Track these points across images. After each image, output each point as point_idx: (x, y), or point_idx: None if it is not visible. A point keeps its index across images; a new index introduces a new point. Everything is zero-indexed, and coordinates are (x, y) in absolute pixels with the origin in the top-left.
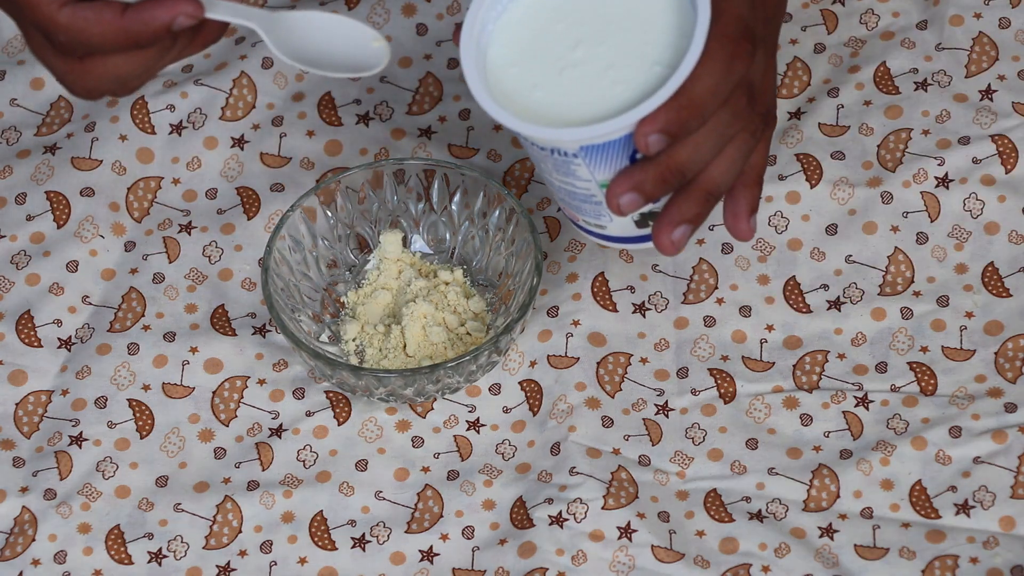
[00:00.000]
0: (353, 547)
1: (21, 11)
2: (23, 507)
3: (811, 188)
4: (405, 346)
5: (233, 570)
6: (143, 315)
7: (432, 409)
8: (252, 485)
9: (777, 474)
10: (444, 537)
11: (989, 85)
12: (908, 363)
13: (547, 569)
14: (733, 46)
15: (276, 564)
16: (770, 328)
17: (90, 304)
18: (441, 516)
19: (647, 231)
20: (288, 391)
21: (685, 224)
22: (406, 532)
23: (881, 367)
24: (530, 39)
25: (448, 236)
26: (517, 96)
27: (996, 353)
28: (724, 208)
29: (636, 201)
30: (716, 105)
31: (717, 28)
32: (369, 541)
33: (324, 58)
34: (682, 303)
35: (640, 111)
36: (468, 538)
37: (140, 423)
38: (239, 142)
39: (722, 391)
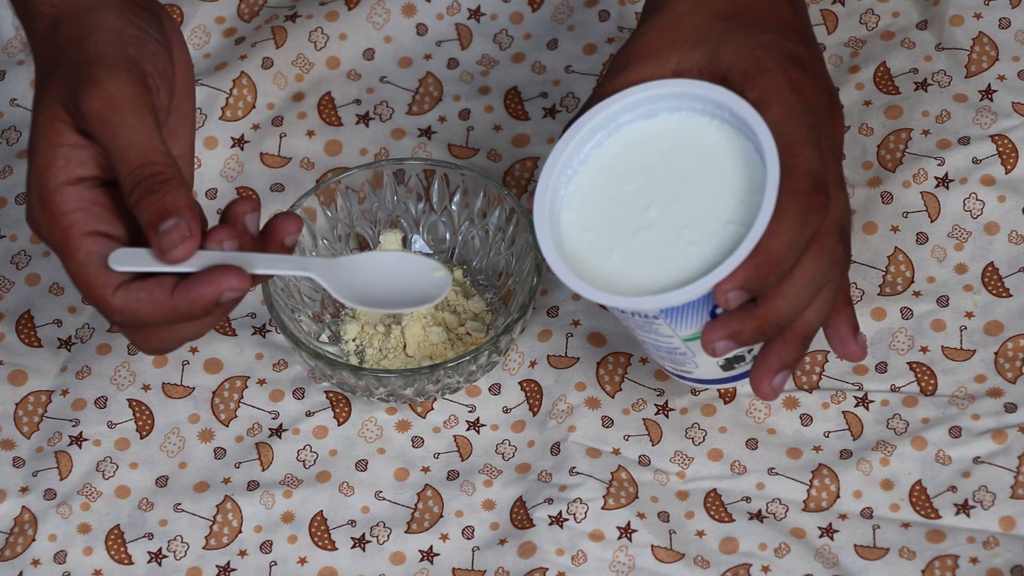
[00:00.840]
0: (353, 547)
1: (81, 290)
2: (23, 507)
3: None
4: (405, 346)
5: (233, 570)
6: None
7: (432, 409)
8: (252, 485)
9: (777, 474)
10: (444, 537)
11: (989, 85)
12: (908, 363)
13: (547, 569)
14: (807, 200)
15: (276, 564)
16: None
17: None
18: (441, 516)
19: (733, 372)
20: (288, 391)
21: (785, 370)
22: (406, 532)
23: (881, 367)
24: (603, 203)
25: (448, 236)
26: (593, 262)
27: (996, 353)
28: (828, 338)
29: (731, 347)
30: (793, 259)
31: (789, 183)
32: (369, 541)
33: (385, 293)
34: None
35: (718, 274)
36: (468, 538)
37: (140, 423)
38: (239, 142)
39: (722, 391)
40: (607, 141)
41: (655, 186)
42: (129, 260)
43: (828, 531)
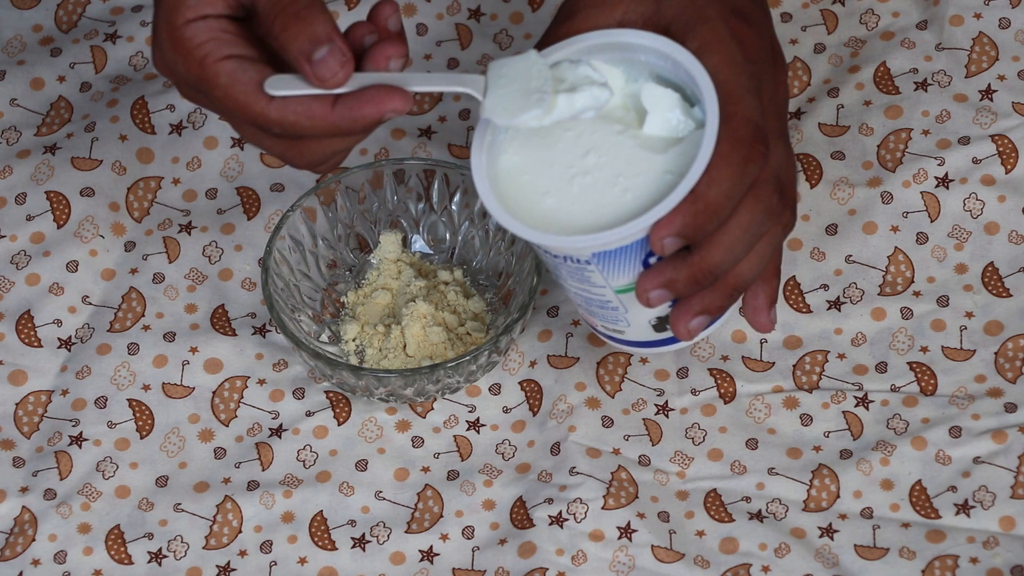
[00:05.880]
0: (353, 547)
1: (232, 113)
2: (23, 507)
3: (811, 188)
4: (405, 346)
5: (233, 570)
6: (143, 315)
7: (432, 409)
8: (252, 485)
9: (777, 474)
10: (444, 537)
11: (989, 85)
12: (908, 363)
13: (547, 569)
14: (746, 149)
15: (276, 564)
16: None
17: (90, 304)
18: (441, 516)
19: (665, 335)
20: (288, 391)
21: (705, 315)
22: (406, 532)
23: (881, 367)
24: (542, 147)
25: (448, 236)
26: (527, 203)
27: (996, 353)
28: (744, 301)
29: (665, 296)
30: (731, 207)
31: (728, 131)
32: (369, 541)
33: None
34: None
35: (653, 215)
36: (468, 538)
37: (140, 423)
38: (239, 142)
39: (722, 391)
40: None
41: (595, 134)
42: (286, 85)
43: (828, 531)
